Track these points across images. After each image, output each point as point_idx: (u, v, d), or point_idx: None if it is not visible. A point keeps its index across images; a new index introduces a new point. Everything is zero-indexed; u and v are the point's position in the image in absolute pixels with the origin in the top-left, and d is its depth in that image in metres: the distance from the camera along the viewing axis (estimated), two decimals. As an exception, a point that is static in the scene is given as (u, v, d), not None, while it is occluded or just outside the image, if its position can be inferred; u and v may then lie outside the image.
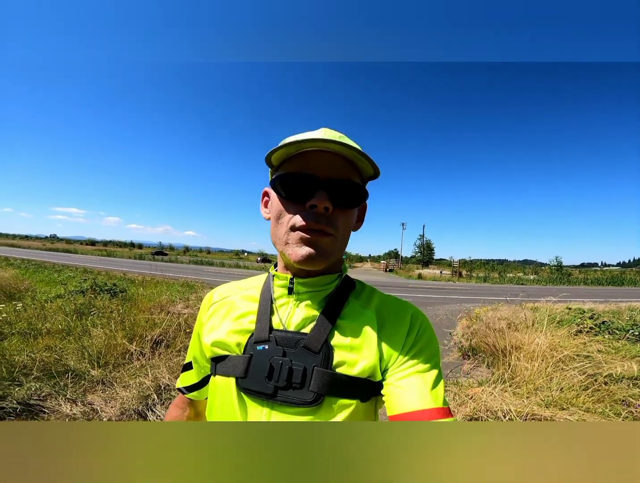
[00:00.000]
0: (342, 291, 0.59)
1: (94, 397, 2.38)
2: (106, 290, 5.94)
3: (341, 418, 0.51)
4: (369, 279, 21.35)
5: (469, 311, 6.59)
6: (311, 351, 0.52)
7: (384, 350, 0.54)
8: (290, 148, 0.52)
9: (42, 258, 19.71)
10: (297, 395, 0.51)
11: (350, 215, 0.56)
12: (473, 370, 3.71)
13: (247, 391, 0.53)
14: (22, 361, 2.61)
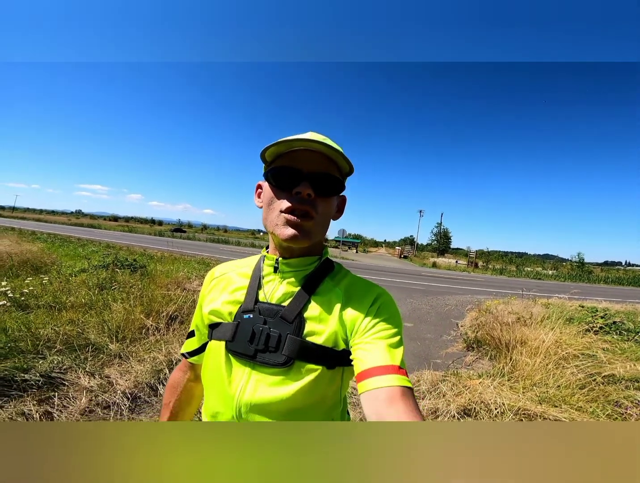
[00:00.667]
0: (320, 272, 0.69)
1: (111, 371, 2.50)
2: (127, 265, 6.12)
3: (308, 380, 0.60)
4: (381, 265, 21.32)
5: (480, 303, 6.54)
6: (286, 320, 0.63)
7: (347, 321, 0.63)
8: (281, 146, 0.62)
9: (68, 233, 20.44)
10: (272, 358, 0.61)
11: (329, 203, 0.66)
12: (475, 362, 3.74)
13: (233, 353, 0.64)
14: (47, 334, 2.72)
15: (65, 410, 2.02)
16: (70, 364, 2.42)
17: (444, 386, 2.63)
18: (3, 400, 1.96)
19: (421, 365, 3.32)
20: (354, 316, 0.62)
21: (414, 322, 5.53)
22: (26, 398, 2.02)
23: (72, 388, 2.21)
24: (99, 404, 2.13)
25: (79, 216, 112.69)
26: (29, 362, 2.29)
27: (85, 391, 2.19)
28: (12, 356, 2.30)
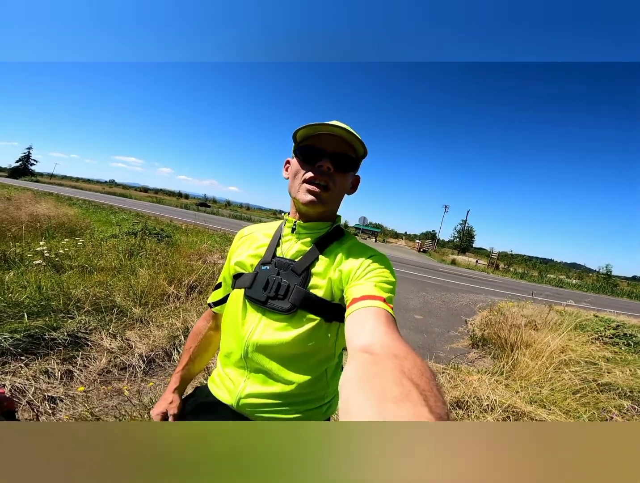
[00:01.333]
0: (330, 236, 0.79)
1: (131, 334, 2.62)
2: (154, 234, 6.31)
3: (307, 328, 0.71)
4: (398, 256, 21.11)
5: (493, 303, 6.45)
6: (295, 273, 0.73)
7: (343, 272, 0.72)
8: (309, 129, 0.74)
9: (101, 200, 21.34)
10: (280, 304, 0.72)
11: (345, 178, 0.78)
12: (478, 359, 3.76)
13: (249, 299, 0.76)
14: (77, 295, 2.85)
15: (85, 369, 2.13)
16: (95, 325, 2.53)
17: (442, 378, 2.70)
18: (29, 359, 2.04)
19: (424, 357, 3.35)
20: (349, 268, 0.71)
21: (424, 315, 5.55)
22: (51, 356, 2.11)
23: (94, 349, 2.32)
24: (117, 365, 2.25)
25: (112, 185, 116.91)
26: (59, 321, 2.40)
27: (106, 352, 2.30)
28: (44, 314, 2.43)
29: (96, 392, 2.01)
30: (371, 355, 0.44)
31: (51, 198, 13.95)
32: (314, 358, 0.73)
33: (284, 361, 0.72)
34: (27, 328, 2.18)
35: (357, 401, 0.34)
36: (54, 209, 8.03)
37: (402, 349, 0.44)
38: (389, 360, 0.41)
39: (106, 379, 2.15)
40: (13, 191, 13.18)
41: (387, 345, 0.46)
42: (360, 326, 0.53)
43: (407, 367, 0.38)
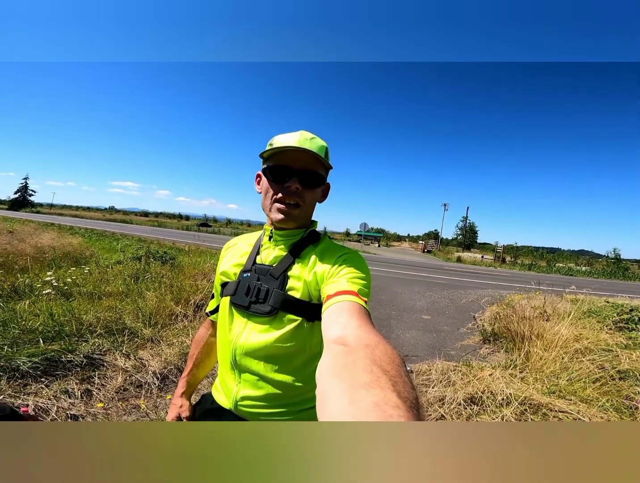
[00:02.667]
0: (305, 240, 0.82)
1: (144, 353, 2.69)
2: (158, 257, 6.35)
3: (289, 328, 0.74)
4: (403, 259, 21.11)
5: (502, 297, 6.41)
6: (273, 277, 0.77)
7: (318, 274, 0.75)
8: (276, 150, 0.76)
9: (103, 228, 21.50)
10: (261, 308, 0.75)
11: (314, 193, 0.81)
12: (490, 354, 3.75)
13: (235, 305, 0.80)
14: (89, 319, 2.93)
15: (103, 388, 2.20)
16: (109, 346, 2.62)
17: (454, 375, 2.69)
18: (49, 380, 2.12)
19: (434, 356, 3.38)
20: (324, 269, 0.74)
21: (432, 315, 5.55)
22: (70, 377, 2.19)
23: (109, 369, 2.40)
24: (133, 383, 2.31)
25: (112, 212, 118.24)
26: (73, 344, 2.47)
27: (121, 372, 2.38)
28: (58, 339, 2.51)
29: (115, 409, 2.06)
30: (344, 347, 0.46)
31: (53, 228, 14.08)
32: (300, 358, 0.76)
33: (270, 362, 0.75)
34: (43, 352, 2.24)
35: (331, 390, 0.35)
36: (58, 239, 8.13)
37: (373, 339, 0.46)
38: (361, 349, 0.42)
39: (124, 396, 2.21)
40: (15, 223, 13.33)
41: (359, 337, 0.48)
42: (334, 320, 0.55)
43: (377, 356, 0.40)
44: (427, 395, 2.50)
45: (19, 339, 2.36)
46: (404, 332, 4.45)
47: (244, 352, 0.76)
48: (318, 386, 0.39)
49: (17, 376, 2.06)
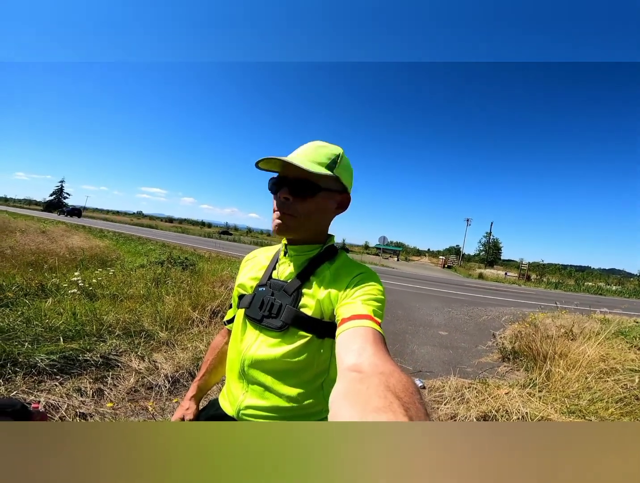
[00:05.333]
0: (321, 257, 0.81)
1: (158, 356, 2.73)
2: (179, 263, 6.51)
3: (299, 344, 0.74)
4: (422, 274, 20.73)
5: (525, 316, 6.17)
6: (287, 293, 0.77)
7: (332, 294, 0.74)
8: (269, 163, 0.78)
9: (130, 232, 22.25)
10: (273, 322, 0.76)
11: (308, 202, 0.76)
12: (509, 372, 3.61)
13: (248, 318, 0.81)
14: (109, 320, 3.01)
15: (114, 388, 2.24)
16: (125, 348, 2.67)
17: (468, 393, 2.60)
18: (64, 378, 2.17)
19: (449, 372, 3.28)
20: (337, 288, 0.74)
21: (449, 331, 5.40)
22: (84, 376, 2.24)
23: (123, 370, 2.44)
24: (144, 385, 2.35)
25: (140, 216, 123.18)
26: (91, 344, 2.54)
27: (134, 373, 2.42)
28: (78, 338, 2.58)
29: (123, 409, 2.10)
30: (359, 373, 0.46)
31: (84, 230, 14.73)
32: (308, 373, 0.76)
33: (278, 375, 0.75)
34: (62, 350, 2.32)
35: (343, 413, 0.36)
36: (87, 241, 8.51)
37: (388, 367, 0.46)
38: (375, 377, 0.43)
39: (134, 397, 2.24)
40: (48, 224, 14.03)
41: (374, 364, 0.48)
42: (348, 346, 0.55)
43: (392, 383, 0.40)
44: (439, 411, 2.43)
45: (40, 336, 2.44)
46: (419, 347, 4.35)
47: (252, 363, 0.77)
48: (330, 411, 0.40)
49: (34, 372, 2.13)
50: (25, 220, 14.74)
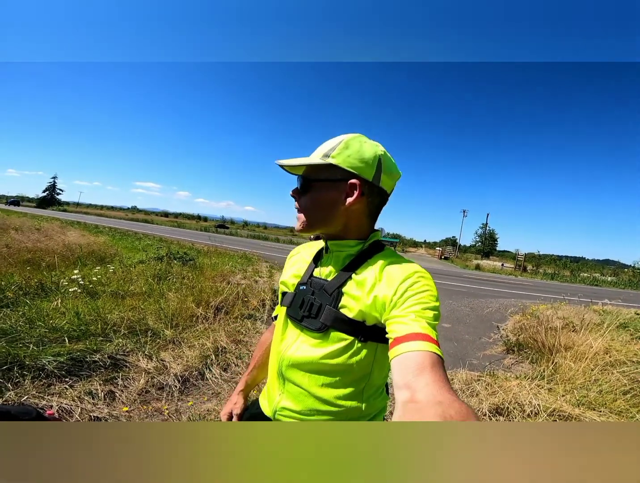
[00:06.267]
0: (364, 254, 0.77)
1: (166, 355, 2.69)
2: (179, 258, 6.46)
3: (338, 347, 0.70)
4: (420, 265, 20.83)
5: (525, 307, 6.22)
6: (327, 293, 0.74)
7: (379, 298, 0.67)
8: None
9: (126, 227, 22.12)
10: (312, 323, 0.73)
11: (309, 197, 0.76)
12: (515, 365, 3.64)
13: (290, 317, 0.79)
14: (113, 319, 2.96)
15: (125, 390, 2.20)
16: (132, 347, 2.63)
17: (478, 385, 2.61)
18: (73, 380, 2.12)
19: (456, 365, 3.29)
20: (385, 293, 0.67)
21: (452, 323, 5.42)
22: (94, 378, 2.19)
23: (132, 370, 2.40)
24: (154, 385, 2.32)
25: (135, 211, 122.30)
26: (98, 344, 2.49)
27: (143, 373, 2.38)
28: (83, 338, 2.53)
29: (138, 412, 2.06)
30: (414, 404, 0.45)
31: (79, 226, 14.55)
32: (347, 377, 0.72)
33: (315, 376, 0.73)
34: (69, 352, 2.27)
35: None
36: (83, 238, 8.40)
37: (447, 397, 0.45)
38: (432, 408, 0.42)
39: (145, 399, 2.21)
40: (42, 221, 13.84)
41: (431, 393, 0.46)
42: (405, 373, 0.52)
43: (450, 414, 0.39)
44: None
45: (44, 337, 2.39)
46: (423, 340, 4.33)
47: (290, 364, 0.75)
48: None
49: (42, 375, 2.08)
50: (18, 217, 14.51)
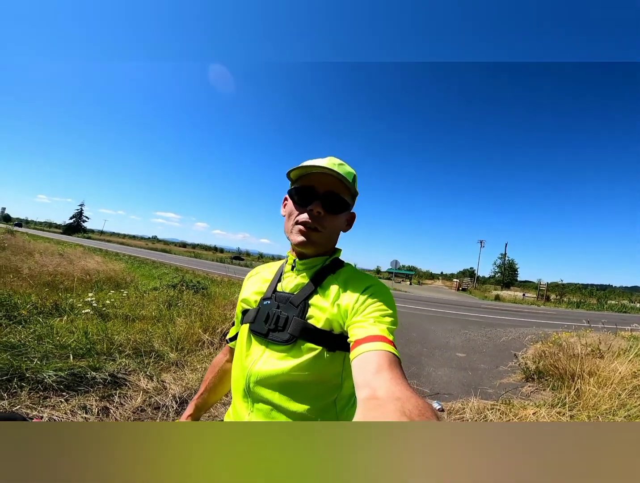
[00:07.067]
0: (327, 269, 0.80)
1: (167, 376, 2.69)
2: (191, 286, 6.57)
3: (307, 357, 0.70)
4: (436, 297, 20.29)
5: (547, 336, 5.94)
6: (293, 305, 0.75)
7: (342, 307, 0.71)
8: (302, 170, 0.77)
9: (145, 256, 22.69)
10: (279, 336, 0.73)
11: (336, 219, 0.79)
12: (534, 393, 3.43)
13: (253, 332, 0.78)
14: (120, 340, 3.01)
15: (121, 407, 2.18)
16: (134, 367, 2.64)
17: (491, 414, 2.46)
18: (70, 394, 2.14)
19: (469, 394, 3.13)
20: (348, 302, 0.70)
21: (467, 352, 5.19)
22: (91, 393, 2.20)
23: (131, 389, 2.39)
24: (151, 405, 2.29)
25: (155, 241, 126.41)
26: (101, 362, 2.53)
27: (142, 392, 2.37)
28: (88, 356, 2.57)
29: (126, 426, 2.03)
30: (375, 400, 0.46)
31: (101, 253, 15.07)
32: (318, 388, 0.72)
33: (285, 390, 0.71)
34: (71, 367, 2.30)
35: None
36: (103, 264, 8.69)
37: (404, 392, 0.46)
38: (392, 403, 0.43)
39: (140, 417, 2.18)
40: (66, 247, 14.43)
41: (390, 390, 0.48)
42: (364, 372, 0.54)
43: (408, 409, 0.41)
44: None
45: (50, 353, 2.43)
46: (435, 370, 4.18)
47: (258, 379, 0.73)
48: None
49: (40, 388, 2.10)
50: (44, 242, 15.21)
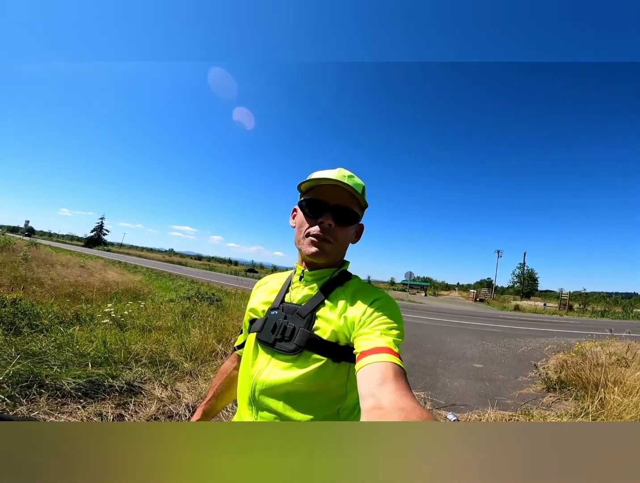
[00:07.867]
0: (335, 281, 0.82)
1: (181, 385, 2.73)
2: (206, 298, 6.71)
3: (313, 368, 0.71)
4: (452, 308, 19.87)
5: (570, 345, 5.73)
6: (300, 316, 0.76)
7: (349, 319, 0.72)
8: (313, 183, 0.79)
9: (162, 268, 23.22)
10: (286, 346, 0.74)
11: (347, 231, 0.81)
12: (556, 403, 3.32)
13: (260, 342, 0.79)
14: (136, 349, 3.09)
15: (135, 414, 2.23)
16: (150, 376, 2.70)
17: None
18: (87, 401, 2.19)
19: (486, 405, 3.04)
20: (355, 314, 0.72)
21: (484, 363, 5.07)
22: (107, 401, 2.25)
23: (146, 397, 2.45)
24: (165, 413, 2.33)
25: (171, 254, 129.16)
26: (118, 371, 2.60)
27: (156, 401, 2.41)
28: (106, 364, 2.64)
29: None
30: (379, 410, 0.47)
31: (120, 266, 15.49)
32: (323, 398, 0.73)
33: (290, 400, 0.72)
34: (89, 375, 2.37)
35: None
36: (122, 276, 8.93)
37: (409, 403, 0.47)
38: (395, 413, 0.44)
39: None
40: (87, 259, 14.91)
41: (394, 400, 0.48)
42: (369, 383, 0.55)
43: (411, 419, 0.42)
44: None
45: (69, 361, 2.51)
46: (451, 381, 4.09)
47: (263, 388, 0.74)
48: None
49: (59, 395, 2.16)
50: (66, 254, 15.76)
